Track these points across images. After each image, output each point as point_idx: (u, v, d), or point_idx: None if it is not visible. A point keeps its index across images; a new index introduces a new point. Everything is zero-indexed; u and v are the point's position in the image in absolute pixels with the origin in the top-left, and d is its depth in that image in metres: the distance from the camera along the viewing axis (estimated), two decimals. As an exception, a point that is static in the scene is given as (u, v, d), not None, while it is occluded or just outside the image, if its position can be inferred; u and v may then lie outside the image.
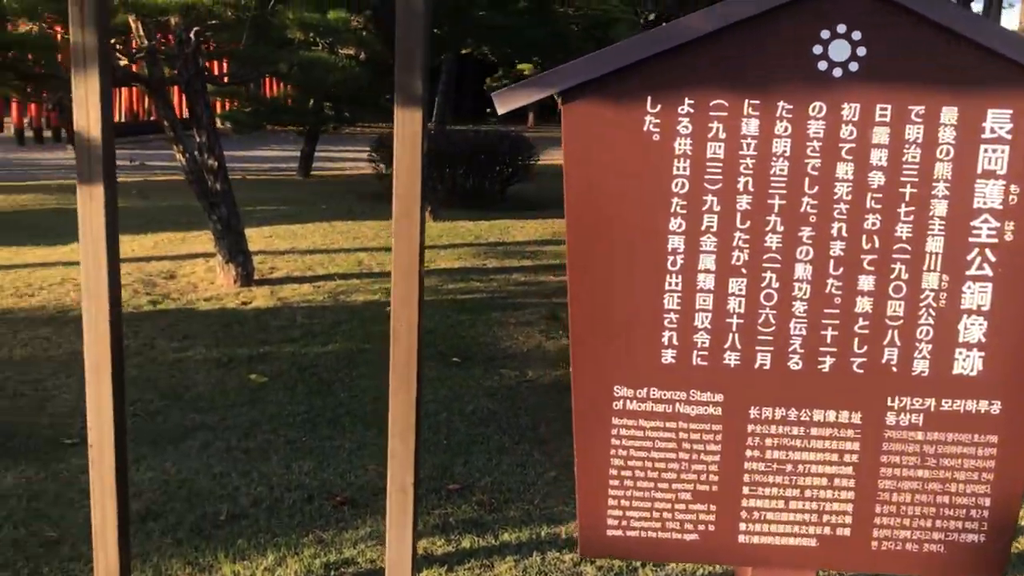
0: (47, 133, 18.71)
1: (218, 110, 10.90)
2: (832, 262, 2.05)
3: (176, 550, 3.22)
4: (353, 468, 3.93)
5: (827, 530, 2.22)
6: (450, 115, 20.49)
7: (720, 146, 1.95)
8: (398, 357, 2.72)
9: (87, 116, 2.69)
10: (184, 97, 6.68)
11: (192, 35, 6.12)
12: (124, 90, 19.08)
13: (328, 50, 6.92)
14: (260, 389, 4.92)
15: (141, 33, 6.06)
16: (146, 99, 16.15)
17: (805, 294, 2.07)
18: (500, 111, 1.88)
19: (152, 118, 17.73)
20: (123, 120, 19.25)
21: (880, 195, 2.01)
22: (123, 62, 6.26)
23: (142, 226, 9.22)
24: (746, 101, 1.93)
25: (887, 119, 1.99)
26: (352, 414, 4.59)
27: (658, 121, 1.93)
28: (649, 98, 1.92)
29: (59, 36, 6.61)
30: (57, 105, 10.59)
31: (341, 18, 6.67)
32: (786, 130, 1.98)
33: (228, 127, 13.00)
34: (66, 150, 15.54)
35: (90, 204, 2.75)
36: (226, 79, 7.49)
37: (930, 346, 2.10)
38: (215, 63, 9.09)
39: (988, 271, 2.06)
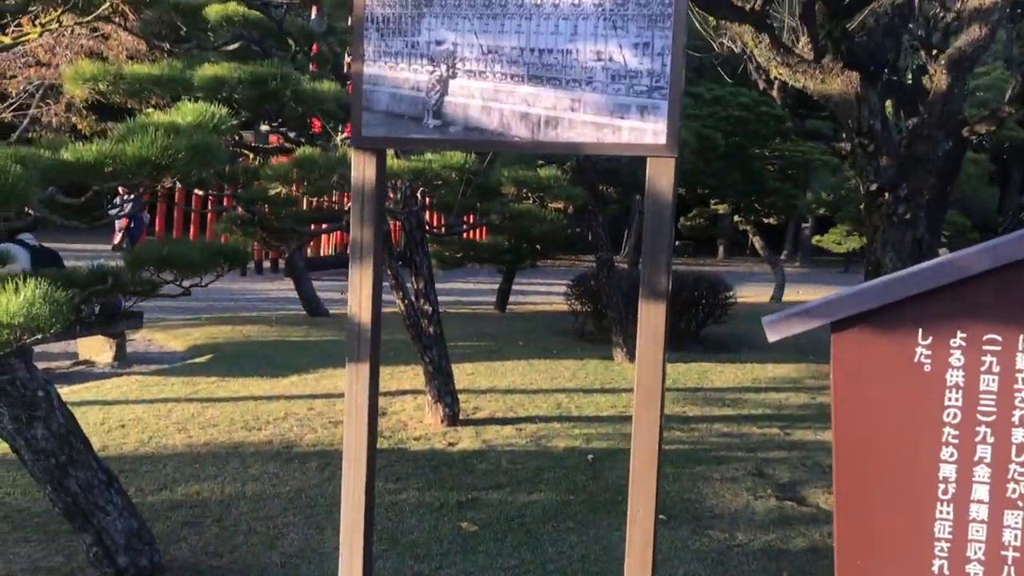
0: (266, 264, 20.26)
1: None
2: (1115, 496, 1.97)
3: None
4: (567, 633, 3.96)
5: None
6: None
7: (994, 379, 1.95)
8: (634, 539, 2.77)
9: (359, 302, 2.98)
10: (405, 247, 7.17)
11: (418, 194, 6.62)
12: (338, 228, 20.38)
13: (538, 203, 7.29)
14: (471, 538, 5.05)
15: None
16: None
17: (1085, 527, 1.99)
18: (771, 339, 1.97)
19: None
20: (333, 253, 20.63)
21: None
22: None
23: (354, 360, 9.75)
24: (1021, 336, 1.92)
25: None
26: (561, 572, 4.63)
27: (929, 353, 1.96)
28: (920, 330, 1.95)
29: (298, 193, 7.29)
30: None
31: (552, 175, 7.05)
32: (1062, 365, 1.95)
33: (435, 264, 13.73)
34: (283, 281, 16.74)
35: (356, 381, 3.01)
36: (443, 230, 7.98)
37: None
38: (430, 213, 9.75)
39: None
